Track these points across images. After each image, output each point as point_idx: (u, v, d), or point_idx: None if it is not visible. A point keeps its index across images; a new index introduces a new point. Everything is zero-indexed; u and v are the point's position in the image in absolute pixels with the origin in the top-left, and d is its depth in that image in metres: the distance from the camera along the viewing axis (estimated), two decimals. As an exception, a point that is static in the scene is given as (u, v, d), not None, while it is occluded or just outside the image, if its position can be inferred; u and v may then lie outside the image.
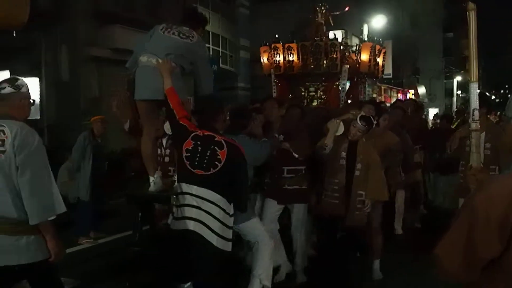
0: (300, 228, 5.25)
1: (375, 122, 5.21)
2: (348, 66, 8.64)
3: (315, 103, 8.67)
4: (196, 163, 3.53)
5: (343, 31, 22.15)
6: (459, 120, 21.86)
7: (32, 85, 8.98)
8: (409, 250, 6.14)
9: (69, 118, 9.65)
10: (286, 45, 8.71)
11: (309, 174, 5.19)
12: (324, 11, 9.34)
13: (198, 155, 3.54)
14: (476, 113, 2.42)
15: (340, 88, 8.72)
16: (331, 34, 18.81)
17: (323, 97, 8.80)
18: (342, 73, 8.59)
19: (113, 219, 7.76)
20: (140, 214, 4.42)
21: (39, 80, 10.03)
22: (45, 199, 2.95)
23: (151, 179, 4.29)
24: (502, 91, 76.16)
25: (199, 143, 3.57)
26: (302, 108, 5.81)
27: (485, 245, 1.62)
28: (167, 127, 4.48)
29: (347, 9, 18.79)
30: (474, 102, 2.43)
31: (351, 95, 9.39)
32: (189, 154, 3.56)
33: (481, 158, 2.60)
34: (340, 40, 9.61)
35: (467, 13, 2.43)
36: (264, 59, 9.08)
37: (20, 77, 3.22)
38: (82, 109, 9.91)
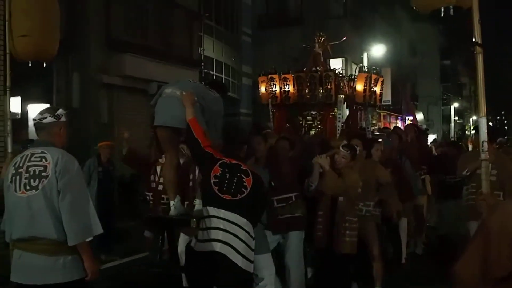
0: (295, 257, 5.21)
1: (358, 149, 5.36)
2: (343, 96, 8.80)
3: (312, 132, 8.84)
4: (224, 188, 3.73)
5: (343, 59, 22.70)
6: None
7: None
8: (412, 277, 6.23)
9: (80, 143, 9.87)
10: (282, 76, 8.92)
11: (302, 201, 5.23)
12: (322, 41, 9.56)
13: (226, 181, 3.75)
14: (485, 145, 2.66)
15: (336, 117, 8.86)
16: (331, 62, 19.25)
17: (319, 126, 8.95)
18: (337, 103, 8.73)
19: (125, 242, 7.90)
20: (160, 236, 4.59)
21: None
22: (83, 221, 3.15)
23: (172, 203, 4.48)
24: (498, 117, 76.91)
25: (227, 170, 3.79)
26: (290, 140, 5.76)
27: (499, 262, 1.83)
28: None
29: (344, 38, 19.19)
30: (484, 135, 2.67)
31: (350, 122, 9.65)
32: (217, 180, 3.76)
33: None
34: (340, 68, 9.89)
35: (476, 55, 2.67)
36: (262, 89, 9.27)
37: (59, 107, 3.46)
38: (92, 134, 10.14)
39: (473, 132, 49.27)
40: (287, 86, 8.92)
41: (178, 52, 12.99)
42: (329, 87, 8.61)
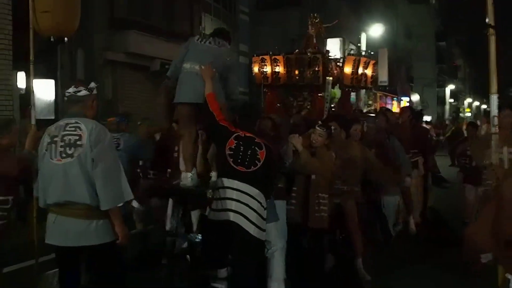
0: (280, 224, 5.13)
1: (333, 128, 5.48)
2: (331, 78, 9.05)
3: (303, 112, 8.91)
4: (238, 160, 3.94)
5: (341, 39, 22.80)
6: (453, 128, 22.36)
7: (48, 86, 9.37)
8: (398, 255, 6.43)
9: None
10: (273, 57, 9.21)
11: (281, 175, 5.25)
12: (316, 23, 9.76)
13: (241, 153, 3.95)
14: (496, 119, 2.89)
15: (324, 99, 9.13)
16: (329, 42, 19.34)
17: (308, 107, 9.20)
18: (325, 85, 8.99)
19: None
20: (174, 205, 4.82)
21: (55, 82, 10.37)
22: (115, 188, 3.36)
23: (189, 175, 4.70)
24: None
25: (241, 142, 3.99)
26: (273, 120, 5.72)
27: (510, 223, 2.08)
28: None
29: (337, 21, 19.29)
30: (494, 110, 2.90)
31: (342, 104, 9.89)
32: (232, 152, 3.97)
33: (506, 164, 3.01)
34: (338, 47, 10.05)
35: (488, 36, 2.89)
36: (255, 69, 9.54)
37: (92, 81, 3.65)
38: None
39: (468, 114, 49.31)
40: (278, 67, 9.18)
41: (180, 30, 13.08)
42: (316, 69, 8.89)
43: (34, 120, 4.85)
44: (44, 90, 9.35)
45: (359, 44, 21.58)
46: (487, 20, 2.97)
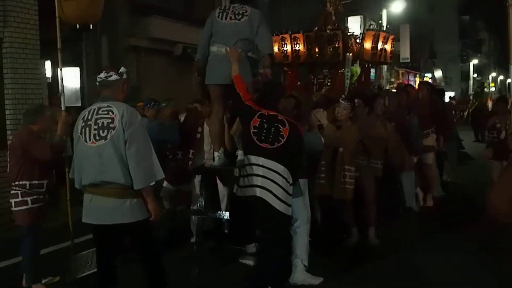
0: (299, 202, 5.13)
1: (356, 102, 5.66)
2: (351, 55, 8.98)
3: (324, 90, 9.05)
4: (263, 137, 4.05)
5: (362, 16, 22.54)
6: (476, 103, 22.03)
7: (73, 74, 9.58)
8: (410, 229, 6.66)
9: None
10: (293, 36, 9.15)
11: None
12: (334, 0, 9.69)
13: (265, 131, 4.06)
14: (515, 90, 2.93)
15: (345, 75, 9.07)
16: (349, 20, 19.05)
17: (328, 84, 9.18)
18: (345, 61, 8.93)
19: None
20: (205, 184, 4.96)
21: (80, 70, 10.54)
22: (147, 168, 3.50)
23: (216, 154, 4.86)
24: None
25: (265, 120, 4.10)
26: (297, 98, 5.76)
27: None
28: None
29: None
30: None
31: (362, 79, 9.79)
32: (256, 130, 4.08)
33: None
34: (358, 25, 9.92)
35: (508, 7, 2.91)
36: (275, 49, 9.28)
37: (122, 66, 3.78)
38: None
39: (492, 89, 48.39)
40: (298, 45, 9.14)
41: (200, 14, 13.11)
42: (336, 45, 8.85)
43: (64, 107, 5.03)
44: (70, 78, 9.54)
45: (380, 21, 21.30)
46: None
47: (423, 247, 5.79)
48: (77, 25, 5.12)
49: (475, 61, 46.21)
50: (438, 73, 35.93)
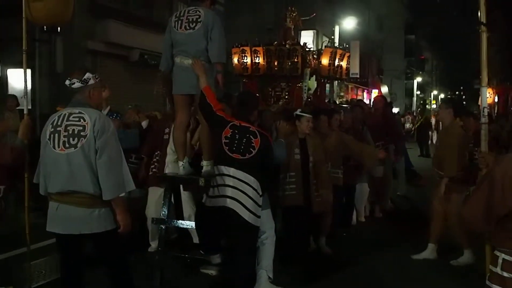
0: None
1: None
2: (309, 69, 9.43)
3: (281, 102, 9.38)
4: (234, 148, 4.09)
5: (315, 31, 23.02)
6: (422, 119, 22.90)
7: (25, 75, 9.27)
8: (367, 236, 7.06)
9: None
10: (253, 48, 9.45)
11: None
12: (293, 16, 10.02)
13: (236, 141, 4.11)
14: (486, 110, 3.13)
15: (303, 89, 9.53)
16: (302, 34, 19.46)
17: (286, 97, 9.50)
18: (303, 75, 9.35)
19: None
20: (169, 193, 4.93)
21: (32, 71, 10.23)
22: (118, 178, 3.44)
23: (180, 163, 4.83)
24: (457, 92, 79.26)
25: (236, 131, 4.14)
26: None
27: (501, 204, 2.31)
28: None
29: (314, 15, 19.67)
30: (485, 102, 3.14)
31: (318, 94, 10.26)
32: (228, 141, 4.12)
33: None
34: (311, 40, 10.34)
35: (481, 33, 3.12)
36: (235, 60, 9.75)
37: (87, 71, 3.67)
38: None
39: (433, 106, 50.42)
40: (257, 58, 9.41)
41: (158, 20, 13.06)
42: (296, 60, 9.19)
43: (27, 110, 4.86)
44: (20, 79, 9.25)
45: (332, 37, 21.81)
46: (479, 19, 3.19)
47: (377, 255, 6.06)
48: (44, 27, 4.95)
49: (418, 79, 48.10)
50: (384, 89, 37.05)
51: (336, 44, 20.52)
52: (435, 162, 5.99)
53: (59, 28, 5.14)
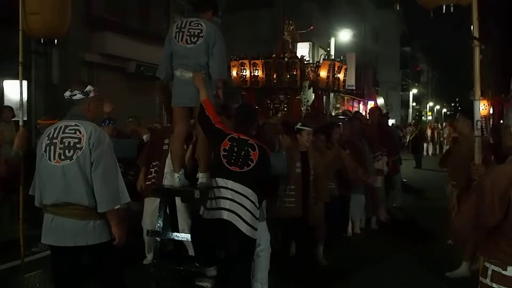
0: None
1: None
2: (308, 82, 9.53)
3: (279, 115, 9.45)
4: (232, 161, 4.07)
5: (310, 43, 23.15)
6: (416, 131, 23.02)
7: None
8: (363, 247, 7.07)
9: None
10: (252, 61, 9.55)
11: None
12: (291, 29, 10.16)
13: (234, 154, 4.08)
14: (479, 123, 3.14)
15: (302, 101, 9.67)
16: (298, 46, 19.62)
17: (285, 109, 9.58)
18: (302, 88, 9.48)
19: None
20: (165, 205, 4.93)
21: (29, 83, 10.24)
22: (113, 190, 3.44)
23: (176, 175, 4.83)
24: (452, 103, 79.66)
25: (235, 144, 4.12)
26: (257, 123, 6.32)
27: (490, 214, 2.33)
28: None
29: (311, 28, 19.88)
30: (478, 115, 3.16)
31: (315, 105, 10.29)
32: (226, 153, 4.10)
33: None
34: (307, 52, 10.49)
35: (473, 47, 3.15)
36: (234, 73, 9.85)
37: (88, 84, 3.70)
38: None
39: (429, 118, 50.68)
40: (256, 71, 9.51)
41: (155, 32, 13.12)
42: (294, 73, 9.31)
43: (22, 121, 4.87)
44: (16, 91, 9.26)
45: (328, 49, 21.94)
46: (472, 33, 3.22)
47: (371, 268, 6.05)
48: (42, 39, 4.97)
49: (414, 91, 48.37)
50: (380, 101, 37.25)
51: (332, 56, 20.73)
52: (449, 171, 5.96)
53: (56, 41, 5.07)
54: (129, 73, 12.38)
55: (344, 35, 23.37)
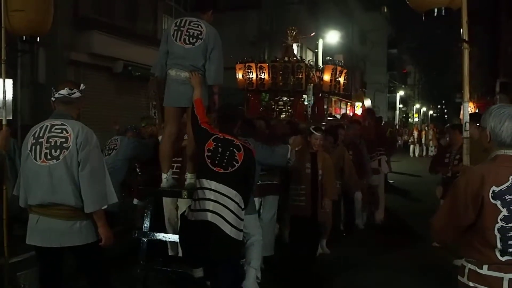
0: (268, 216, 5.97)
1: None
2: (312, 85, 9.96)
3: (283, 116, 9.75)
4: (216, 161, 4.02)
5: (298, 44, 23.16)
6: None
7: (6, 86, 9.20)
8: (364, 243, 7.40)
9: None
10: (259, 65, 9.97)
11: (277, 171, 6.00)
12: (294, 34, 10.55)
13: (219, 155, 4.04)
14: (468, 125, 3.15)
15: (306, 104, 10.13)
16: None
17: (290, 111, 9.91)
18: (307, 91, 9.92)
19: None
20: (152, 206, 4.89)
21: (14, 82, 10.10)
22: (100, 191, 3.41)
23: (164, 176, 4.78)
24: (439, 106, 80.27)
25: (219, 144, 4.08)
26: (266, 120, 6.66)
27: (464, 214, 2.36)
28: None
29: (313, 34, 20.14)
30: (466, 117, 3.16)
31: (316, 108, 10.53)
32: (210, 154, 4.05)
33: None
34: (295, 53, 10.72)
35: (463, 50, 3.16)
36: (239, 75, 10.23)
37: (77, 83, 3.67)
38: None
39: (416, 119, 50.98)
40: (263, 74, 9.93)
41: (143, 32, 13.05)
42: (300, 76, 9.73)
43: (5, 120, 4.79)
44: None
45: (316, 50, 21.99)
46: (462, 36, 3.23)
47: (371, 263, 6.28)
48: (24, 37, 4.89)
49: (401, 92, 48.65)
50: (368, 102, 37.34)
51: (320, 58, 20.81)
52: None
53: (38, 38, 4.99)
54: (116, 73, 12.27)
55: (332, 37, 23.44)
